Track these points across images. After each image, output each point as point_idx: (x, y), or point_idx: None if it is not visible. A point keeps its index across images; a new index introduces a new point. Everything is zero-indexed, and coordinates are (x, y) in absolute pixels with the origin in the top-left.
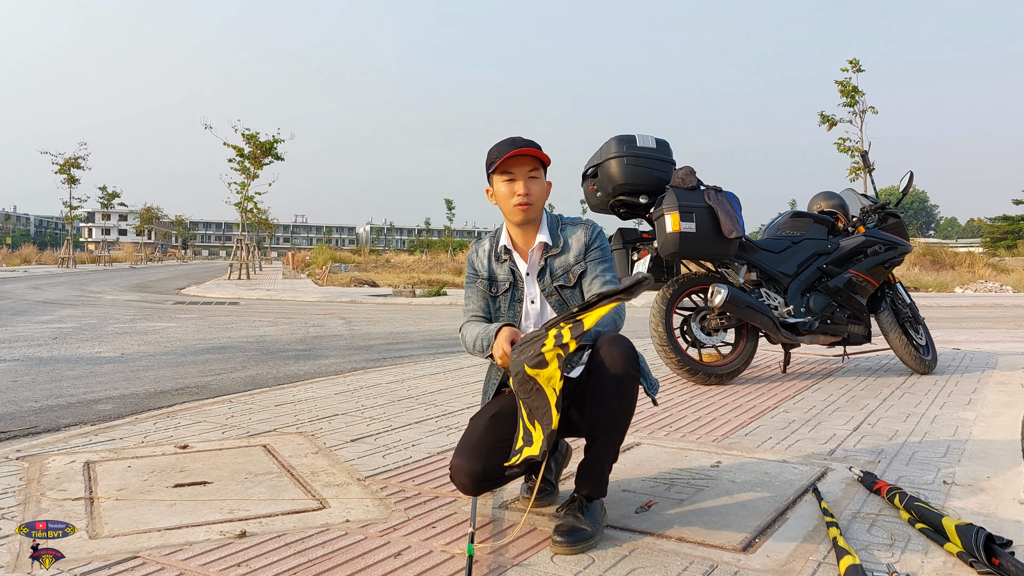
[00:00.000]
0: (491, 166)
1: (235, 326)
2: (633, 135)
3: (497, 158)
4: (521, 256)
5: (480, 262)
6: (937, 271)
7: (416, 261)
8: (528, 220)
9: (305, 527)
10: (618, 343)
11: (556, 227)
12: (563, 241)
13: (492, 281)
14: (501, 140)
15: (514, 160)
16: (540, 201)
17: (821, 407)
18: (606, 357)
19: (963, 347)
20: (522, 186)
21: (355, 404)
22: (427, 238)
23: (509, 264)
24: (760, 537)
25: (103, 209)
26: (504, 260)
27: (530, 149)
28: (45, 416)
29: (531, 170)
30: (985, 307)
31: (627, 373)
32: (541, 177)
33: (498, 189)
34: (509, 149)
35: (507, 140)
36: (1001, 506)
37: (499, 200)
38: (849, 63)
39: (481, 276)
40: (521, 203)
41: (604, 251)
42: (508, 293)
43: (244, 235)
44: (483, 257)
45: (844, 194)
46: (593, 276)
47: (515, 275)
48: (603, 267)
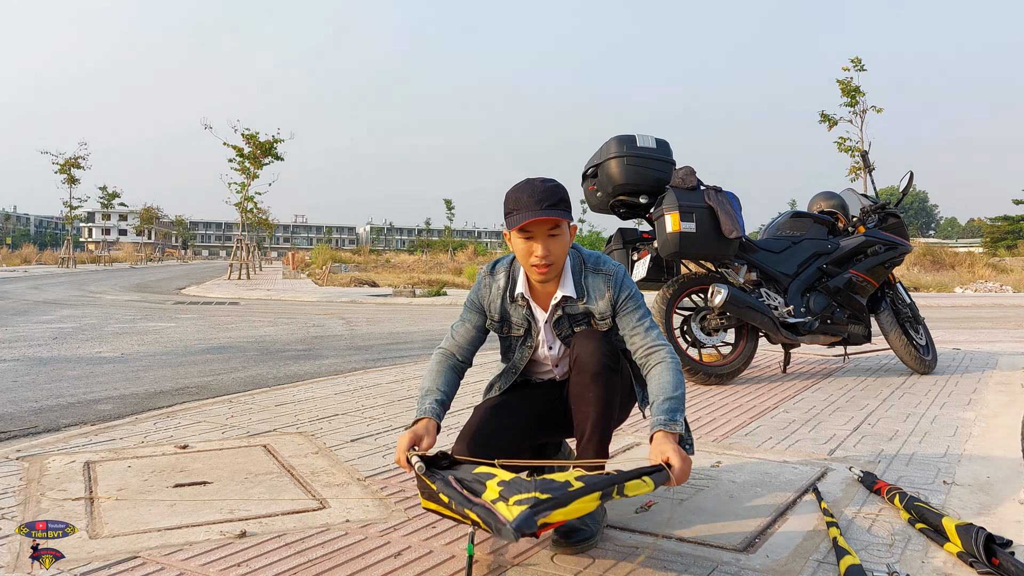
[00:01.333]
0: (507, 216)
1: (235, 326)
2: (633, 135)
3: (514, 211)
4: (539, 305)
5: (491, 301)
6: (937, 271)
7: (416, 261)
8: (549, 279)
9: (305, 527)
10: (592, 338)
11: (580, 274)
12: (587, 292)
13: (504, 323)
14: (520, 185)
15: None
16: (562, 259)
17: (821, 407)
18: (582, 354)
19: (963, 347)
20: (541, 248)
21: (355, 404)
22: (427, 238)
23: (526, 312)
24: (760, 537)
25: (103, 209)
26: (521, 305)
27: (550, 217)
28: (45, 416)
29: (552, 228)
30: (985, 307)
31: (603, 365)
32: (564, 231)
33: (515, 243)
34: (527, 209)
35: (525, 188)
36: (1001, 506)
37: (516, 254)
38: (851, 62)
39: (491, 317)
40: (539, 265)
41: (635, 298)
42: (521, 338)
43: (244, 235)
44: (495, 297)
45: (844, 194)
46: (631, 327)
47: (531, 323)
48: (638, 315)
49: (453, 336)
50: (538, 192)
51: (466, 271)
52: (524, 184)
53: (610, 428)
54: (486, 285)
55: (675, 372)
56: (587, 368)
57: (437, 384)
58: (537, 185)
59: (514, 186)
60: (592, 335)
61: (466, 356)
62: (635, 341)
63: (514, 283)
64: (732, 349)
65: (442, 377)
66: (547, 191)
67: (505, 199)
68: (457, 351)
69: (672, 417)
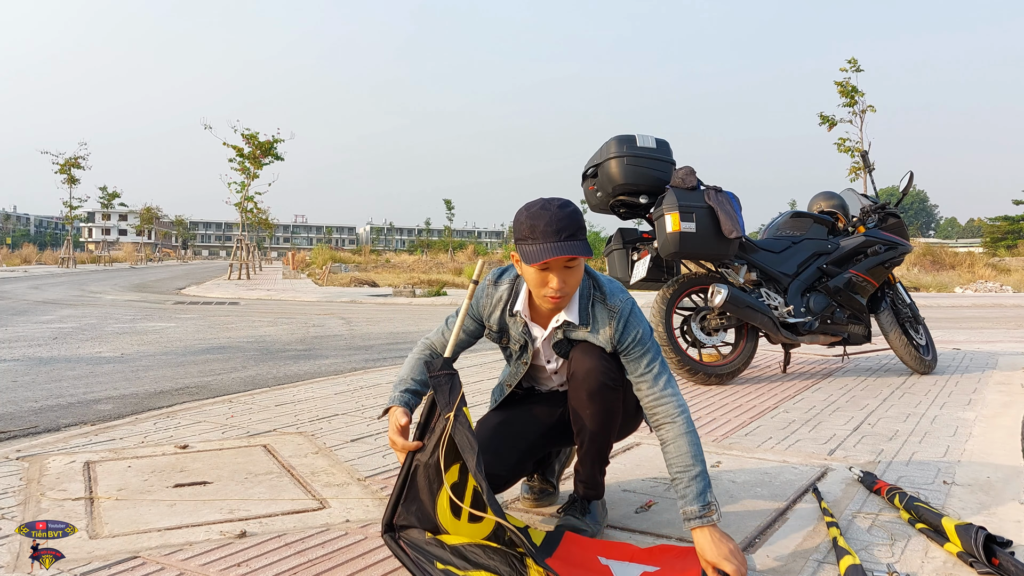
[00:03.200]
0: (520, 243)
1: (235, 326)
2: (633, 135)
3: (530, 240)
4: (538, 324)
5: (491, 312)
6: (937, 271)
7: (416, 261)
8: (558, 309)
9: (305, 527)
10: (590, 354)
11: (589, 299)
12: (591, 320)
13: (503, 334)
14: (536, 212)
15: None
16: (575, 289)
17: (821, 407)
18: (578, 371)
19: (963, 347)
20: (556, 280)
21: (355, 404)
22: (427, 238)
23: (523, 329)
24: (760, 537)
25: (103, 209)
26: (519, 322)
27: (572, 257)
28: (45, 416)
29: (569, 260)
30: (985, 307)
31: (601, 384)
32: (580, 263)
33: (527, 271)
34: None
35: (543, 218)
36: (1001, 506)
37: (528, 282)
38: (848, 62)
39: (489, 327)
40: (553, 296)
41: (643, 342)
42: (518, 352)
43: (244, 235)
44: (496, 307)
45: (844, 194)
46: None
47: (527, 340)
48: (646, 360)
49: (443, 332)
50: (556, 221)
51: (466, 271)
52: (540, 210)
53: (609, 443)
54: (488, 295)
55: (690, 437)
56: (583, 387)
57: (414, 375)
58: (555, 212)
59: (528, 210)
60: (590, 351)
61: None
62: (643, 390)
63: (515, 298)
64: (732, 349)
65: (420, 368)
66: (566, 218)
67: (517, 222)
68: (442, 348)
69: (704, 503)
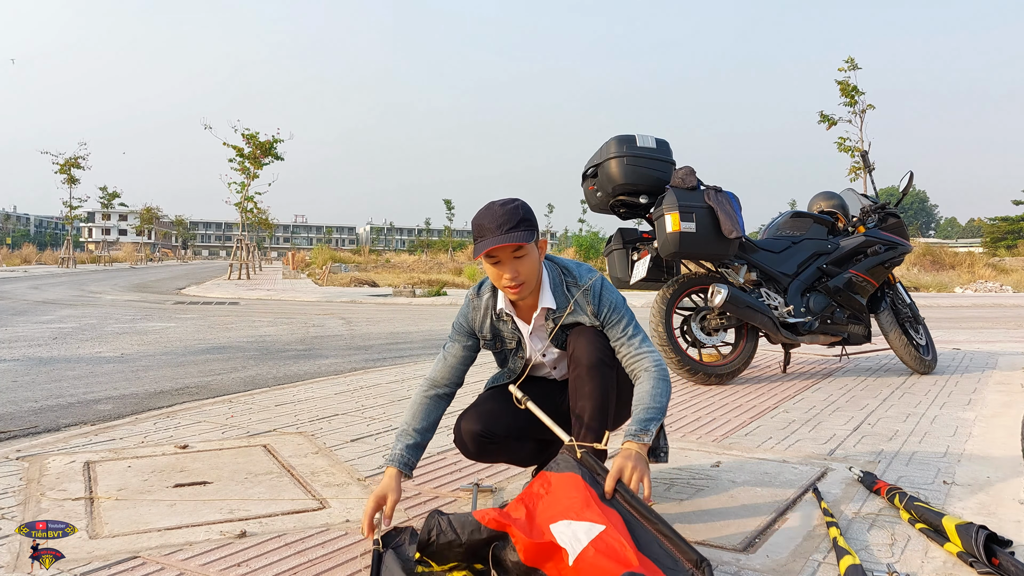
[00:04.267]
0: (475, 243)
1: (235, 326)
2: (633, 135)
3: (478, 238)
4: (523, 319)
5: (481, 321)
6: (937, 271)
7: (416, 261)
8: (523, 298)
9: (305, 527)
10: (586, 334)
11: (562, 285)
12: (572, 302)
13: (496, 339)
14: (481, 212)
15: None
16: (532, 275)
17: (821, 407)
18: (577, 349)
19: (963, 347)
20: (508, 271)
21: (355, 404)
22: (427, 238)
23: (512, 327)
24: (760, 537)
25: (103, 209)
26: (505, 321)
27: (505, 244)
28: (45, 416)
29: (516, 250)
30: (985, 307)
31: (598, 359)
32: (531, 250)
33: (487, 268)
34: (489, 235)
35: (486, 216)
36: (1001, 506)
37: (490, 278)
38: (845, 61)
39: (483, 337)
40: (511, 287)
41: (616, 308)
42: (513, 350)
43: (244, 235)
44: (484, 316)
45: (844, 194)
46: (616, 338)
47: (520, 336)
48: (622, 324)
49: (445, 358)
50: (498, 217)
51: (466, 271)
52: (485, 210)
53: (606, 421)
54: (474, 308)
55: (658, 380)
56: (582, 362)
57: (415, 424)
58: (496, 210)
59: (478, 212)
60: (586, 332)
61: (455, 380)
62: (622, 351)
63: (497, 301)
64: (732, 349)
65: (422, 413)
66: (506, 214)
67: (472, 226)
68: (445, 378)
69: (644, 427)
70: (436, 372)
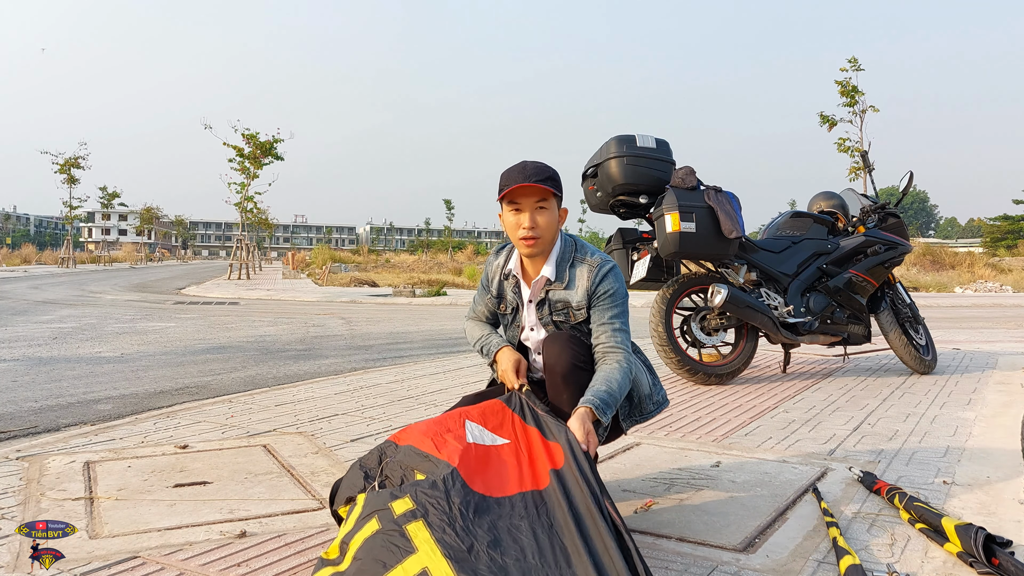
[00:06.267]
0: (500, 192)
1: (235, 326)
2: (633, 135)
3: (505, 186)
4: (526, 282)
5: (495, 279)
6: (937, 271)
7: (416, 261)
8: (534, 254)
9: (305, 527)
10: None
11: (567, 260)
12: (568, 278)
13: (500, 299)
14: (513, 165)
15: (521, 190)
16: (548, 232)
17: (821, 407)
18: (549, 357)
19: (963, 347)
20: (528, 219)
21: (355, 404)
22: (427, 238)
23: (514, 288)
24: (760, 537)
25: (103, 209)
26: (511, 282)
27: (534, 185)
28: (45, 416)
29: (539, 200)
30: (985, 307)
31: (571, 365)
32: (552, 207)
33: (506, 218)
34: (516, 178)
35: (518, 166)
36: (1001, 506)
37: (506, 229)
38: (848, 62)
39: (491, 291)
40: (526, 236)
41: (614, 296)
42: (511, 315)
43: (244, 235)
44: (496, 273)
45: (844, 194)
46: (600, 321)
47: (519, 303)
48: (611, 313)
49: (476, 307)
50: (528, 168)
51: (466, 271)
52: (517, 164)
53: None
54: (490, 264)
55: (624, 375)
56: (556, 370)
57: (488, 331)
58: (528, 164)
59: (509, 167)
60: (558, 337)
61: (492, 321)
62: (599, 337)
63: (508, 262)
64: (732, 349)
65: (489, 327)
66: (537, 168)
67: (500, 178)
68: (483, 318)
69: (605, 403)
70: (474, 315)
